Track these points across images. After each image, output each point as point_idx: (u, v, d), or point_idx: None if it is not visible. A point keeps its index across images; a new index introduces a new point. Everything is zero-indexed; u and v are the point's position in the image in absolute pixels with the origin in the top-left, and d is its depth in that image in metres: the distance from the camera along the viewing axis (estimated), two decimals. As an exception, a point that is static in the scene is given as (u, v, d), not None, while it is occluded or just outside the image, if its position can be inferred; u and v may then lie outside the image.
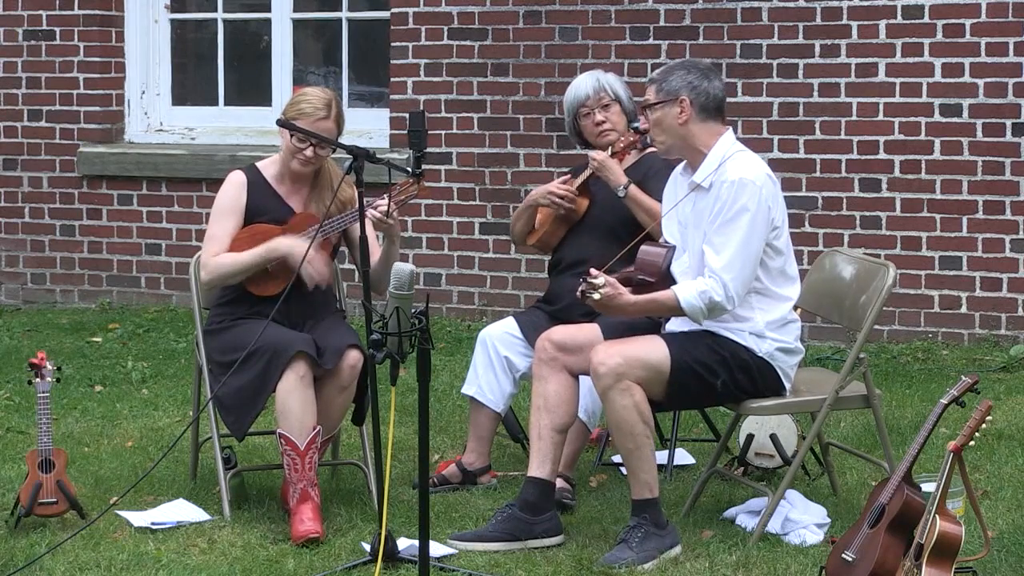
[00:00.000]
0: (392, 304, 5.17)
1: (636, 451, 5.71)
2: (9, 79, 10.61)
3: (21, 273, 10.73)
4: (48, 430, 6.03)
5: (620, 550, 5.65)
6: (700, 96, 5.80)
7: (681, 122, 5.80)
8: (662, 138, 5.86)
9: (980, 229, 8.88)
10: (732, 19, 9.22)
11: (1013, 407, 7.60)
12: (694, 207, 5.83)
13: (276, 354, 5.99)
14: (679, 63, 5.93)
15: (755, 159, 5.84)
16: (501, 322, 6.70)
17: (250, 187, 6.27)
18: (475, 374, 6.62)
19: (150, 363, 8.88)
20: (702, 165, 5.81)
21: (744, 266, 5.67)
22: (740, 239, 5.66)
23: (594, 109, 6.59)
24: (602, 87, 6.59)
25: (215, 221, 6.27)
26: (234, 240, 6.22)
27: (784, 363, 5.81)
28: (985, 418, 5.14)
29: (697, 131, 5.81)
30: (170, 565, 5.66)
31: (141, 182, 10.42)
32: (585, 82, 6.64)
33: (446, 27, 9.77)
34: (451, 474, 6.57)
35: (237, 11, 10.65)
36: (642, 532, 5.67)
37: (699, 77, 5.82)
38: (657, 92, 5.83)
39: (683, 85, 5.80)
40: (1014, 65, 8.76)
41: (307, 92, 6.27)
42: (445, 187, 9.82)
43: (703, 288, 5.66)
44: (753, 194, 5.68)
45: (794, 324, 5.85)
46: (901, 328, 9.03)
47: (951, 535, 5.04)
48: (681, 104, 5.79)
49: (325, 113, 6.16)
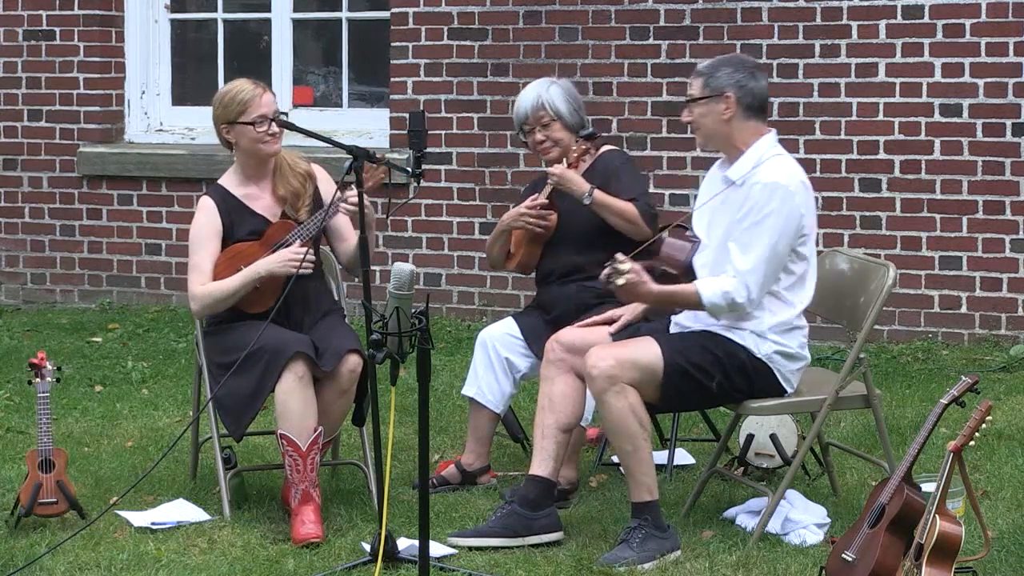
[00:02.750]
0: (392, 304, 5.17)
1: (633, 453, 5.71)
2: (9, 79, 10.61)
3: (21, 273, 10.72)
4: (48, 430, 6.03)
5: (621, 549, 5.64)
6: (746, 95, 5.78)
7: (725, 119, 5.78)
8: (704, 132, 5.85)
9: (980, 229, 8.88)
10: (732, 19, 9.22)
11: (1013, 407, 7.60)
12: (723, 201, 5.81)
13: (274, 355, 5.99)
14: (727, 59, 5.90)
15: (792, 164, 5.82)
16: (500, 323, 6.70)
17: (220, 208, 6.29)
18: (475, 375, 6.62)
19: (150, 363, 8.88)
20: (738, 162, 5.80)
21: (768, 270, 5.67)
22: (768, 243, 5.65)
23: (534, 127, 6.58)
24: (540, 105, 6.55)
25: (195, 252, 6.28)
26: (216, 266, 6.24)
27: (783, 367, 5.79)
28: (985, 418, 5.13)
29: (739, 129, 5.79)
30: (170, 565, 5.66)
31: (141, 182, 10.42)
32: (525, 99, 6.61)
33: (446, 27, 9.76)
34: (450, 475, 6.58)
35: (237, 11, 10.65)
36: (643, 533, 5.66)
37: (746, 76, 5.79)
38: (703, 87, 5.80)
39: (730, 83, 5.77)
40: (1014, 65, 8.76)
41: (228, 89, 6.29)
42: (445, 187, 9.82)
43: (726, 288, 5.65)
44: (786, 199, 5.66)
45: (799, 330, 5.83)
46: (901, 328, 9.03)
47: (951, 535, 5.04)
48: (726, 101, 5.76)
49: (260, 90, 6.23)
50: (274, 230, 6.24)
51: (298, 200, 6.29)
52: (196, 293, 6.23)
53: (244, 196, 6.31)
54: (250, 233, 6.26)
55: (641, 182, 6.63)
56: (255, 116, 6.19)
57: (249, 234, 6.26)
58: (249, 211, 6.29)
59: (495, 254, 6.78)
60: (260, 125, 6.19)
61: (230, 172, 6.41)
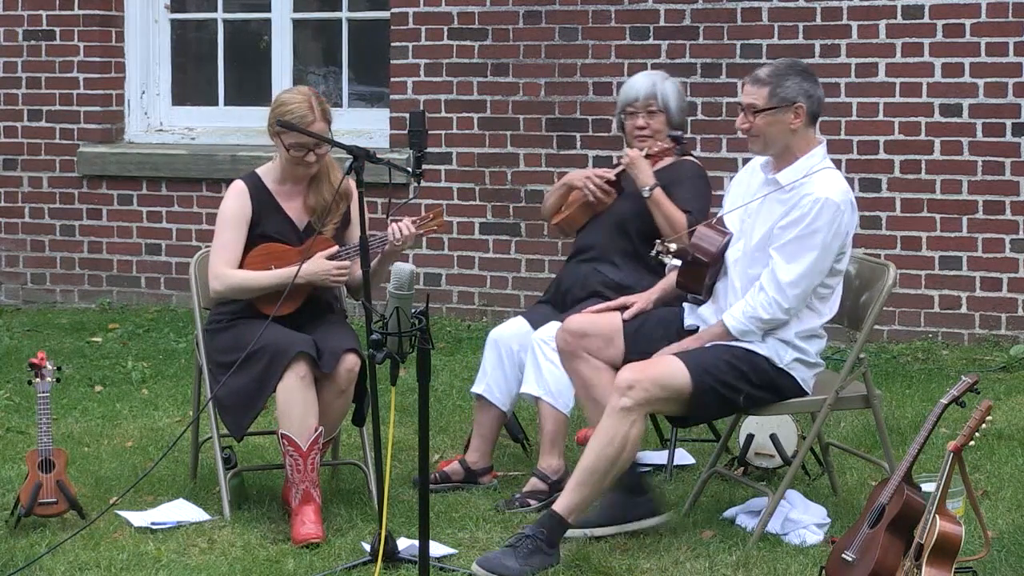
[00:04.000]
0: (392, 304, 5.17)
1: (597, 474, 5.65)
2: (9, 79, 10.61)
3: (21, 273, 10.73)
4: (48, 430, 6.02)
5: (505, 555, 5.56)
6: (814, 104, 5.75)
7: (793, 128, 5.73)
8: (765, 140, 5.76)
9: (980, 229, 8.88)
10: (732, 19, 9.22)
11: (1013, 407, 7.60)
12: (764, 200, 5.78)
13: (276, 355, 5.99)
14: (788, 66, 5.81)
15: (842, 180, 5.79)
16: (510, 322, 6.72)
17: (252, 195, 6.25)
18: (484, 373, 6.63)
19: (150, 363, 8.88)
20: (790, 168, 5.75)
21: (809, 283, 5.68)
22: (813, 257, 5.65)
23: (640, 112, 6.60)
24: (654, 94, 6.58)
25: (223, 231, 6.23)
26: (248, 256, 6.22)
27: (803, 374, 5.81)
28: (985, 418, 5.13)
29: (802, 137, 5.76)
30: (170, 565, 5.66)
31: (141, 182, 10.42)
32: (640, 83, 6.64)
33: (446, 27, 9.77)
34: (453, 471, 6.57)
35: (237, 11, 10.65)
36: (533, 545, 5.58)
37: (812, 85, 5.75)
38: (771, 96, 5.71)
39: (800, 92, 5.72)
40: (1014, 65, 8.76)
41: (285, 100, 6.16)
42: (445, 187, 9.81)
43: (747, 310, 5.67)
44: (836, 217, 5.65)
45: (820, 339, 5.84)
46: (901, 328, 9.03)
47: (951, 535, 5.04)
48: (797, 111, 5.71)
49: (312, 117, 6.10)
50: (316, 245, 6.19)
51: (326, 215, 6.24)
52: (221, 273, 6.17)
53: (277, 192, 6.27)
54: (275, 231, 6.22)
55: (702, 199, 6.61)
56: (292, 141, 6.14)
57: (275, 232, 6.22)
58: (278, 208, 6.25)
59: (549, 205, 6.82)
60: (296, 151, 6.17)
61: (270, 164, 6.33)
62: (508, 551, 5.57)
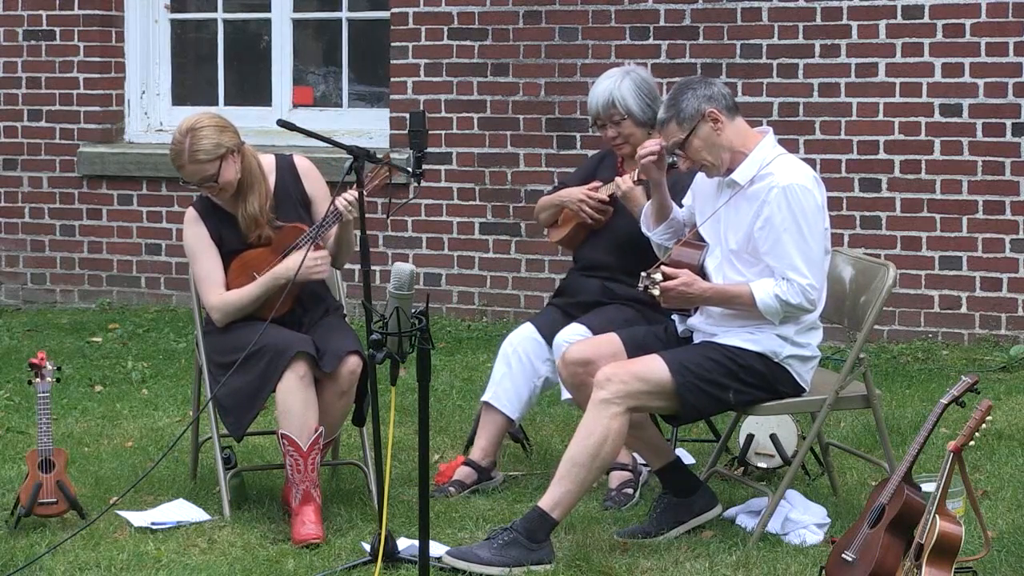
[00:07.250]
0: (392, 304, 5.17)
1: (580, 468, 5.64)
2: (9, 79, 10.61)
3: (21, 273, 10.73)
4: (48, 430, 6.03)
5: (479, 547, 5.59)
6: (720, 100, 5.74)
7: (719, 132, 5.72)
8: (710, 159, 5.75)
9: (980, 229, 8.88)
10: (732, 19, 9.22)
11: (1013, 407, 7.60)
12: (728, 203, 5.77)
13: (276, 355, 5.99)
14: (675, 91, 5.78)
15: (797, 161, 5.81)
16: (520, 329, 6.69)
17: (204, 218, 6.28)
18: (493, 383, 6.62)
19: (150, 363, 8.88)
20: (742, 165, 5.75)
21: (819, 267, 5.69)
22: (815, 244, 5.65)
23: (606, 124, 6.58)
24: (611, 103, 6.51)
25: (197, 262, 6.26)
26: (228, 275, 6.23)
27: (799, 369, 5.80)
28: (985, 418, 5.13)
29: (733, 131, 5.75)
30: (170, 565, 5.66)
31: (141, 182, 10.42)
32: (597, 95, 6.56)
33: (446, 27, 9.77)
34: (465, 475, 6.54)
35: (237, 11, 10.65)
36: (509, 537, 5.59)
37: (705, 86, 5.76)
38: (680, 125, 5.72)
39: (699, 100, 5.71)
40: (1014, 65, 8.76)
41: (176, 141, 6.21)
42: (445, 187, 9.82)
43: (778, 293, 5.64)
44: (808, 198, 5.64)
45: (816, 330, 5.83)
46: (901, 328, 9.03)
47: (951, 535, 5.04)
48: (710, 117, 5.71)
49: (180, 162, 6.19)
50: (284, 235, 6.22)
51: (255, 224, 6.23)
52: (215, 304, 6.21)
53: (226, 204, 6.28)
54: (240, 241, 6.24)
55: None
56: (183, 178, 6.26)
57: (240, 242, 6.24)
58: (232, 219, 6.27)
59: (543, 219, 6.82)
60: (196, 186, 6.26)
61: None
62: (483, 543, 5.62)
